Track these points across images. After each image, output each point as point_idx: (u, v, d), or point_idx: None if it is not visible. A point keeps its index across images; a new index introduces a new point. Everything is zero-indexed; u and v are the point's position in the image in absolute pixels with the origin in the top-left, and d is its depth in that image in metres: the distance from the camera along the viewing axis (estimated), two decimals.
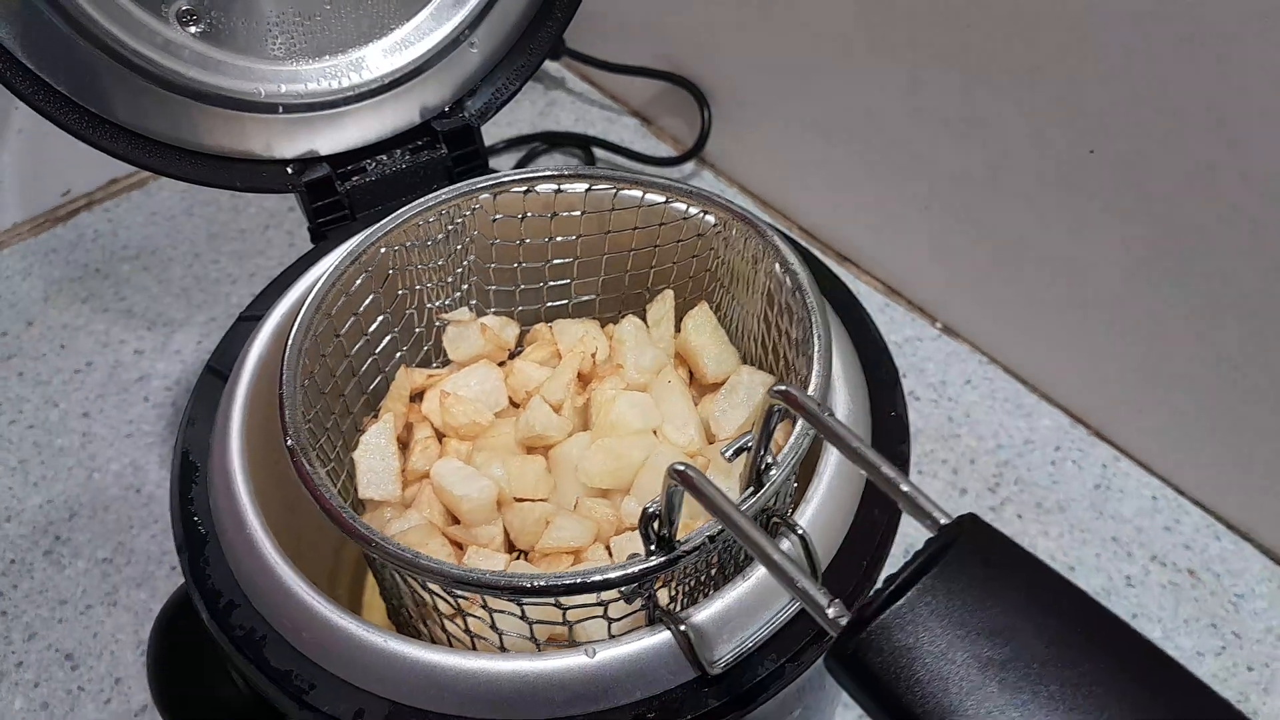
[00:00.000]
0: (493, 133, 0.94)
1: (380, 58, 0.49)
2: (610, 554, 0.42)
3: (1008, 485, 0.72)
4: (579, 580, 0.32)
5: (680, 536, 0.33)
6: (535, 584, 0.32)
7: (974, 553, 0.26)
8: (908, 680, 0.24)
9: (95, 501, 0.71)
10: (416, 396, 0.48)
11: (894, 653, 0.25)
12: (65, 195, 0.90)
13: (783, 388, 0.30)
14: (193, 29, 0.45)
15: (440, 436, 0.46)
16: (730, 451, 0.34)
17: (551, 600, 0.33)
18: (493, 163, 0.91)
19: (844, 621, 0.26)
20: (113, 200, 0.91)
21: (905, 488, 0.28)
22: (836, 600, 0.26)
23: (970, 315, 0.79)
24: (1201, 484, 0.70)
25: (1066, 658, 0.24)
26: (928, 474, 0.72)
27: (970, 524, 0.27)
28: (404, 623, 0.43)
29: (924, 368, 0.78)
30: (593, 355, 0.48)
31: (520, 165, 0.92)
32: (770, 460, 0.34)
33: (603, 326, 0.51)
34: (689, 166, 0.92)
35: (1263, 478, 0.66)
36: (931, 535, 0.27)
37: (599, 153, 0.93)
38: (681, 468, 0.29)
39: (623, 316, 0.50)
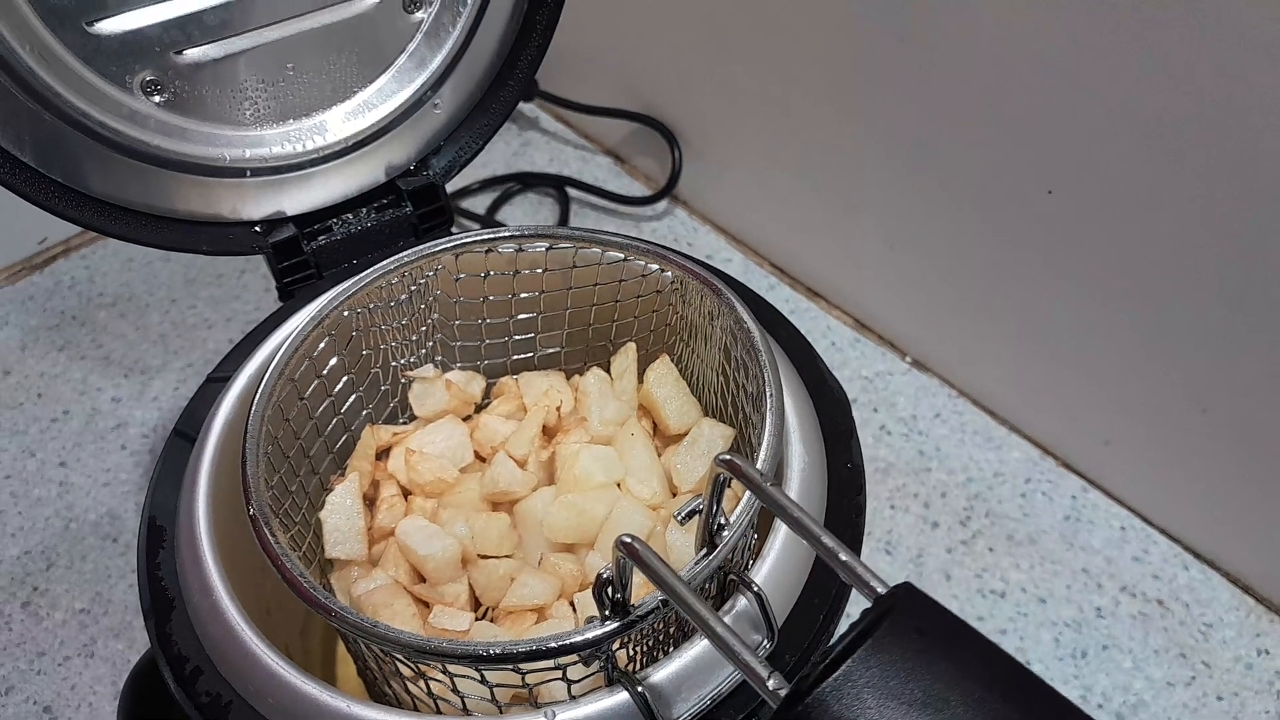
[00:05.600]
0: (468, 174, 0.94)
1: (344, 120, 0.50)
2: (574, 610, 0.43)
3: (979, 518, 0.73)
4: (534, 648, 0.33)
5: (638, 599, 0.34)
6: (491, 652, 0.33)
7: (908, 623, 0.27)
8: None
9: (73, 551, 0.71)
10: (383, 454, 0.48)
11: None
12: (42, 243, 0.90)
13: (727, 457, 0.31)
14: (157, 99, 0.46)
15: (406, 494, 0.47)
16: (682, 515, 0.35)
17: (509, 667, 0.34)
18: (467, 203, 0.92)
19: (783, 693, 0.27)
20: (89, 247, 0.92)
21: (844, 557, 0.29)
22: (775, 672, 0.27)
23: (940, 349, 0.80)
24: (1169, 514, 0.71)
25: None
26: (899, 508, 0.73)
27: (905, 594, 0.27)
28: (372, 681, 0.44)
29: (895, 402, 0.79)
30: (558, 408, 0.49)
31: (495, 206, 0.93)
32: (723, 521, 0.35)
33: (568, 378, 0.51)
34: (661, 205, 0.93)
35: (1228, 506, 0.67)
36: (869, 605, 0.28)
37: (573, 192, 0.94)
38: (628, 540, 0.30)
39: (588, 368, 0.51)
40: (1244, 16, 0.50)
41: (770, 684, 0.27)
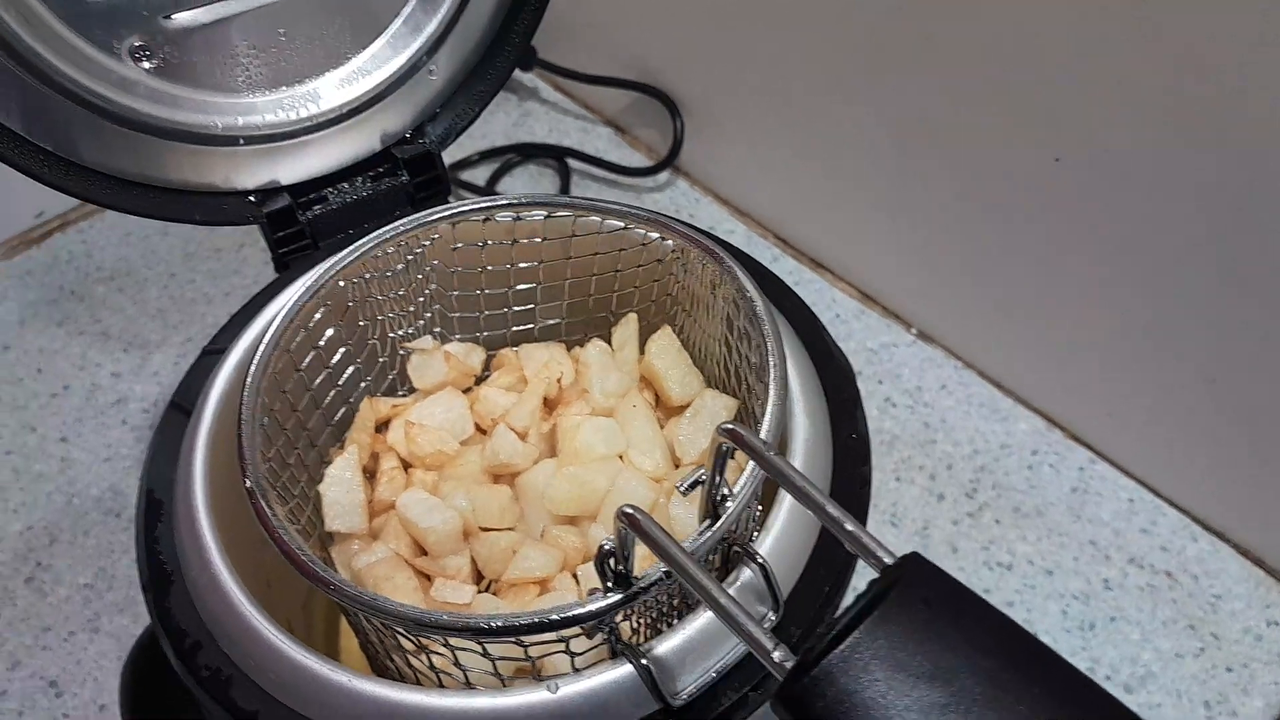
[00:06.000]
0: (466, 145, 0.93)
1: (338, 87, 0.49)
2: (577, 581, 0.42)
3: (985, 490, 0.72)
4: (536, 620, 0.32)
5: (641, 570, 0.33)
6: (493, 625, 0.32)
7: (916, 594, 0.26)
8: None
9: (76, 527, 0.71)
10: (382, 426, 0.48)
11: (837, 697, 0.25)
12: (39, 217, 0.89)
13: (729, 427, 0.30)
14: (146, 65, 0.45)
15: (406, 466, 0.46)
16: (685, 485, 0.34)
17: (512, 639, 0.34)
18: (467, 175, 0.91)
19: (789, 665, 0.26)
20: (87, 221, 0.91)
21: (850, 527, 0.28)
22: (781, 644, 0.26)
23: (944, 321, 0.79)
24: (1178, 485, 0.71)
25: (1003, 699, 0.24)
26: (905, 480, 0.73)
27: (913, 564, 0.27)
28: (374, 655, 0.43)
29: (900, 374, 0.79)
30: (558, 380, 0.48)
31: (495, 178, 0.92)
32: (726, 492, 0.34)
33: (569, 349, 0.51)
34: (663, 175, 0.92)
35: (1238, 477, 0.67)
36: (876, 576, 0.27)
37: (573, 163, 0.93)
38: (630, 510, 0.30)
39: (588, 339, 0.50)
40: None
41: (776, 655, 0.26)
